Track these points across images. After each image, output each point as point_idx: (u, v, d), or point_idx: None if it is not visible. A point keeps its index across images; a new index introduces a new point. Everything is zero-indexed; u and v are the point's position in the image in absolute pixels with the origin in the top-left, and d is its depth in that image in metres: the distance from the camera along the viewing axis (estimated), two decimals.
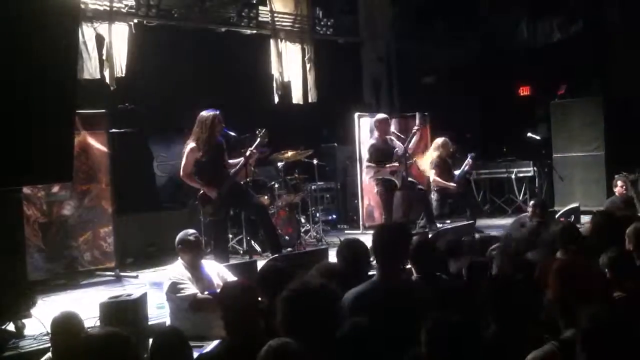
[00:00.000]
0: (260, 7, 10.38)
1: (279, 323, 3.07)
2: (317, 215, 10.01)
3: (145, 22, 9.04)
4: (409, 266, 4.53)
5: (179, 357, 3.50)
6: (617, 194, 9.14)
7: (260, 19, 10.38)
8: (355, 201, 10.87)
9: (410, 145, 8.66)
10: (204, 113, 7.14)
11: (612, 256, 4.19)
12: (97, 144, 7.69)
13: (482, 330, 3.26)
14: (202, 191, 7.24)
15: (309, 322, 2.99)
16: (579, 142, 11.53)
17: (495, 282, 3.63)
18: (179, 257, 5.56)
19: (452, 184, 9.47)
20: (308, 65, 10.95)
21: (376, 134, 8.97)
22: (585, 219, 8.43)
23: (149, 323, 5.08)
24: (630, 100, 11.19)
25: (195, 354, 3.62)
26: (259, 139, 7.41)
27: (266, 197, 9.07)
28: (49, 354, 4.18)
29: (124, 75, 8.70)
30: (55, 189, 7.34)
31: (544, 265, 4.14)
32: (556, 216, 8.15)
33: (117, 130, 8.44)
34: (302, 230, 9.48)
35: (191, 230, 5.70)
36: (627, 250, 4.64)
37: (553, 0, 12.78)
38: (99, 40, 8.53)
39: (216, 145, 7.20)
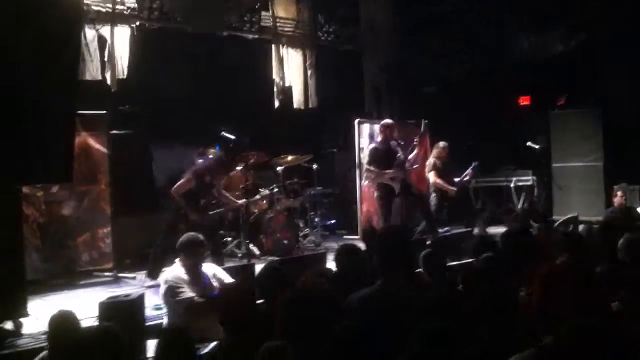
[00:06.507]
0: (263, 12, 10.40)
1: (277, 327, 3.09)
2: (316, 220, 10.02)
3: (147, 24, 9.06)
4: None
5: (185, 355, 3.51)
6: (615, 204, 9.15)
7: (262, 24, 10.40)
8: (354, 207, 10.88)
9: (410, 157, 8.79)
10: (213, 156, 7.75)
11: (606, 266, 4.22)
12: (97, 145, 7.72)
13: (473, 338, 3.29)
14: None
15: (308, 328, 3.01)
16: (578, 153, 11.56)
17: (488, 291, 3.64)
18: (177, 260, 5.56)
19: (451, 187, 9.46)
20: (309, 71, 10.97)
21: (379, 137, 8.98)
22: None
23: (147, 324, 5.09)
24: (629, 112, 11.22)
25: None
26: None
27: (264, 201, 9.08)
28: (45, 352, 4.19)
29: (125, 77, 8.72)
30: (55, 189, 7.36)
31: (531, 271, 4.17)
32: (554, 225, 8.17)
33: (117, 132, 8.47)
34: (301, 234, 9.49)
35: (194, 233, 5.69)
36: (621, 260, 4.67)
37: (555, 13, 12.81)
38: (101, 42, 8.54)
39: (209, 183, 7.46)
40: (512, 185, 11.95)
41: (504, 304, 3.36)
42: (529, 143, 11.57)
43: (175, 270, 5.50)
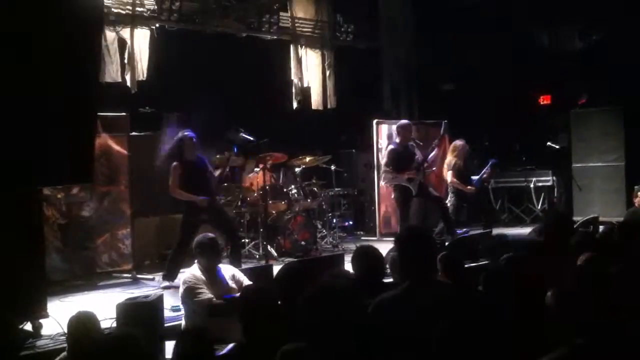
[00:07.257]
0: (281, 13, 10.41)
1: (296, 327, 3.08)
2: (334, 221, 10.01)
3: (166, 26, 9.11)
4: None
5: (203, 357, 3.51)
6: (637, 205, 9.02)
7: (280, 24, 10.41)
8: (372, 208, 10.85)
9: (430, 157, 8.77)
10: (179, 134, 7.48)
11: (624, 267, 4.16)
12: (117, 147, 7.78)
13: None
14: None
15: (328, 328, 3.00)
16: (599, 152, 11.45)
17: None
18: (196, 261, 5.60)
19: (469, 187, 9.39)
20: (328, 71, 10.97)
21: (397, 139, 8.96)
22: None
23: (165, 325, 5.11)
24: None
25: None
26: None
27: (283, 202, 9.09)
28: (65, 354, 4.22)
29: (145, 78, 8.78)
30: (75, 190, 7.43)
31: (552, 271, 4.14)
32: (574, 226, 8.08)
33: (137, 134, 8.52)
34: (319, 236, 9.49)
35: (209, 234, 5.74)
36: None
37: (574, 9, 12.69)
38: (121, 44, 8.61)
39: (195, 163, 7.43)
40: (532, 185, 11.87)
41: (527, 305, 3.34)
42: (549, 143, 11.46)
43: (193, 271, 5.53)
